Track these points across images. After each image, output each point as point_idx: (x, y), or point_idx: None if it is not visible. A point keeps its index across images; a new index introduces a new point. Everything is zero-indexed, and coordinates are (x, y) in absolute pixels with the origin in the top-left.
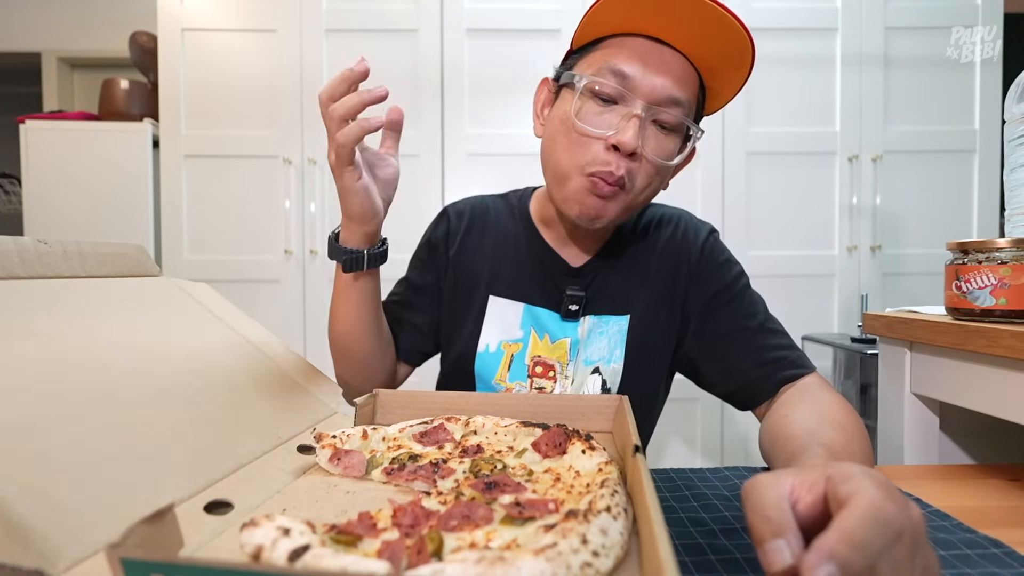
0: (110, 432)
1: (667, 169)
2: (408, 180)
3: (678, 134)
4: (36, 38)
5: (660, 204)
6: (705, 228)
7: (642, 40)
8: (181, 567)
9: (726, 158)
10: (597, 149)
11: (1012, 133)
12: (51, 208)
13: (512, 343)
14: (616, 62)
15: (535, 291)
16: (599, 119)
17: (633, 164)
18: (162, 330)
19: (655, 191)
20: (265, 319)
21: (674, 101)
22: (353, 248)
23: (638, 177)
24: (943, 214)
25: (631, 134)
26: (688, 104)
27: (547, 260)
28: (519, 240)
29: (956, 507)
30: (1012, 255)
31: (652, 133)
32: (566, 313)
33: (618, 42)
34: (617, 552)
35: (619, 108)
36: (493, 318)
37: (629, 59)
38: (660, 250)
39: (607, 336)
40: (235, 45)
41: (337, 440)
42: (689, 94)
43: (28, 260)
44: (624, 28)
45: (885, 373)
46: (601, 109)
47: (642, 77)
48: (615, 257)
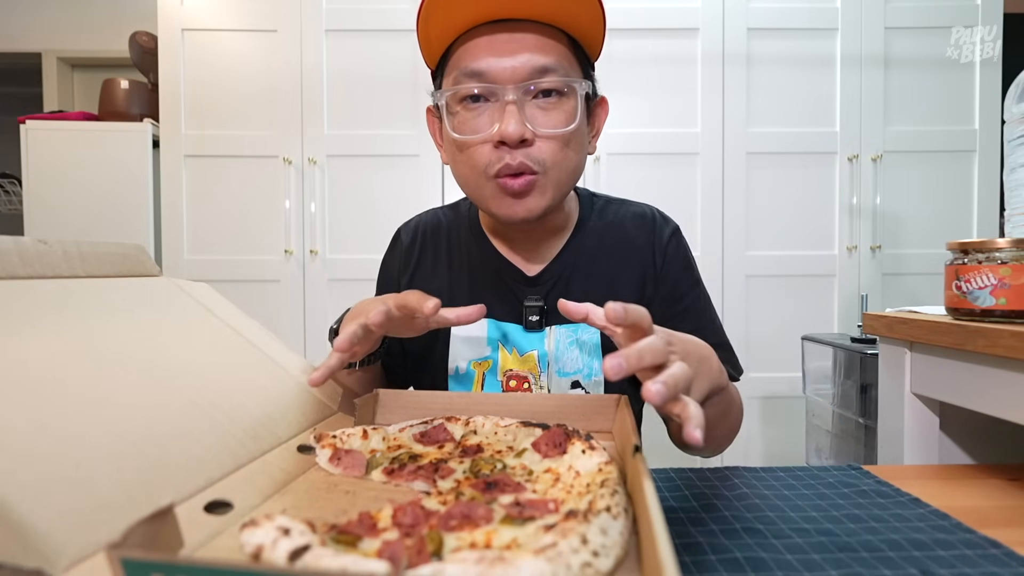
0: (110, 432)
1: (575, 135)
2: (408, 180)
3: (567, 97)
4: (36, 38)
5: (624, 200)
6: (670, 227)
7: (483, 31)
8: (181, 567)
9: (726, 158)
10: (487, 151)
11: (1012, 133)
12: (51, 208)
13: (481, 361)
14: (467, 64)
15: (496, 304)
16: (478, 122)
17: (530, 149)
18: (162, 330)
19: (577, 162)
20: (265, 319)
21: (540, 70)
22: None
23: (545, 157)
24: (943, 214)
25: (510, 123)
26: (559, 66)
27: (503, 271)
28: (472, 253)
29: (956, 507)
30: (1012, 255)
31: (538, 108)
32: (528, 325)
33: (462, 44)
34: (617, 552)
35: (491, 104)
36: (459, 338)
37: (477, 56)
38: (625, 251)
39: (578, 347)
40: (235, 45)
41: (337, 440)
42: (556, 56)
43: (28, 260)
44: (460, 26)
45: (885, 373)
46: (475, 113)
47: (498, 66)
48: (574, 262)
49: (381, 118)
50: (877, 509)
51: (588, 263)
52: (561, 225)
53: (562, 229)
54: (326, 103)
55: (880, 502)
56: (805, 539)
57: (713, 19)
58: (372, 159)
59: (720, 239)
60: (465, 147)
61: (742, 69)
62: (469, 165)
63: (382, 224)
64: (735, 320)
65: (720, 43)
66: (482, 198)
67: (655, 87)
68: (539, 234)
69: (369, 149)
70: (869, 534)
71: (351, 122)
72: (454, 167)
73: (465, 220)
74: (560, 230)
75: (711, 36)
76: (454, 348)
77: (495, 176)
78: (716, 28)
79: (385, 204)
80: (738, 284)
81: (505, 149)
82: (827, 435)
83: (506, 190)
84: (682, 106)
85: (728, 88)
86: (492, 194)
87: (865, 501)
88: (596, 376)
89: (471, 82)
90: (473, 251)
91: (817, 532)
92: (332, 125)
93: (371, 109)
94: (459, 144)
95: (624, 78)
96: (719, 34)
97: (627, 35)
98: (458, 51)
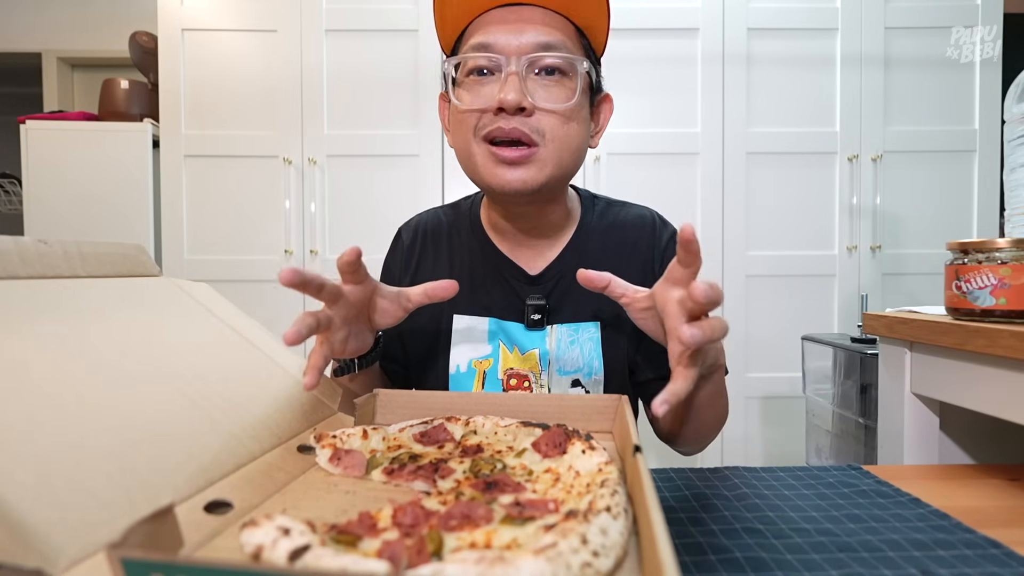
0: (110, 432)
1: (575, 114)
2: (408, 180)
3: (568, 77)
4: (36, 38)
5: (625, 202)
6: (668, 230)
7: (496, 10)
8: (181, 567)
9: (726, 158)
10: (485, 116)
11: (1012, 133)
12: (51, 208)
13: (482, 360)
14: (476, 38)
15: (498, 303)
16: (480, 93)
17: (528, 118)
18: (162, 330)
19: (579, 141)
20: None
21: (545, 46)
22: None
23: (544, 128)
24: (943, 214)
25: (510, 91)
26: (564, 45)
27: (505, 269)
28: (474, 252)
29: (956, 507)
30: (1012, 255)
31: (539, 84)
32: (530, 323)
33: (474, 23)
34: (617, 552)
35: (496, 76)
36: (460, 337)
37: (487, 30)
38: (626, 253)
39: (579, 345)
40: (235, 45)
41: (337, 440)
42: (562, 35)
43: (28, 260)
44: (475, 8)
45: (885, 373)
46: (479, 85)
47: (504, 38)
48: (576, 262)
49: (381, 118)
50: (877, 509)
51: (589, 263)
52: (563, 223)
53: (564, 227)
54: (326, 103)
55: (880, 502)
56: (805, 539)
57: (713, 19)
58: (372, 159)
59: (720, 239)
60: (465, 115)
61: (742, 69)
62: (463, 130)
63: (382, 224)
64: (735, 320)
65: (720, 43)
66: (474, 167)
67: (655, 87)
68: (541, 228)
69: (369, 149)
70: (869, 534)
71: (351, 122)
72: (454, 142)
73: (466, 219)
74: (562, 228)
75: (711, 36)
76: (455, 347)
77: (485, 139)
78: (716, 28)
79: (385, 204)
80: (738, 284)
81: (503, 116)
82: (827, 435)
83: (497, 157)
84: (682, 106)
85: (728, 88)
86: (483, 161)
87: (865, 501)
88: (596, 375)
89: (477, 53)
90: (475, 250)
91: (817, 532)
92: (332, 125)
93: (371, 109)
94: (459, 112)
95: (624, 78)
96: (719, 34)
97: (627, 35)
98: (469, 29)
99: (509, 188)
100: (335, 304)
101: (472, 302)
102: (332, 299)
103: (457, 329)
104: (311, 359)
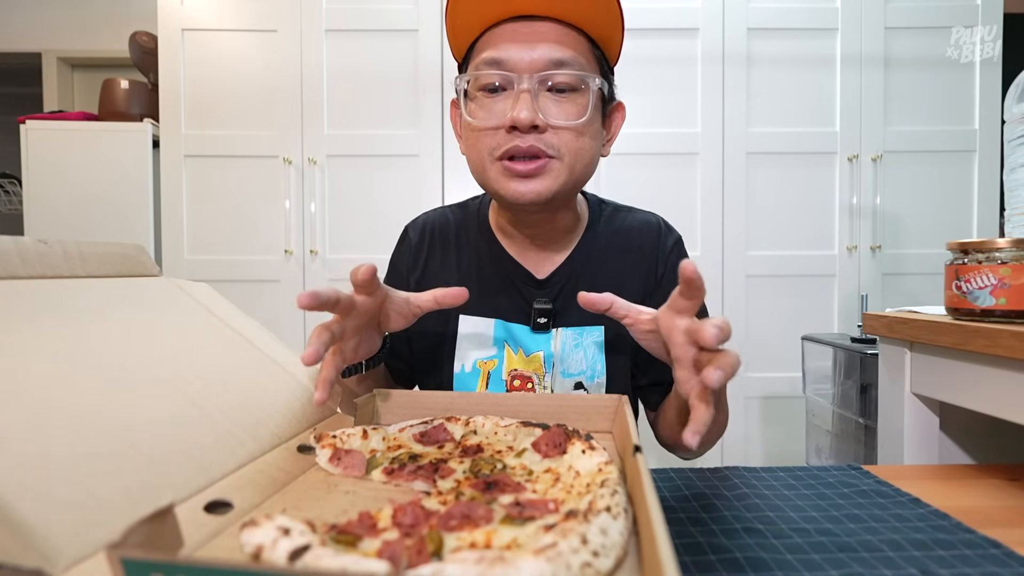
0: (110, 432)
1: (588, 128)
2: (408, 180)
3: (580, 93)
4: (36, 38)
5: (631, 207)
6: (672, 237)
7: (508, 23)
8: (181, 567)
9: (726, 158)
10: (499, 135)
11: (1012, 133)
12: (51, 208)
13: (487, 360)
14: (488, 53)
15: (504, 305)
16: (493, 110)
17: (542, 135)
18: (162, 330)
19: (592, 154)
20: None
21: (557, 63)
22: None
23: (559, 144)
24: (943, 214)
25: (523, 109)
26: (577, 61)
27: (512, 272)
28: (482, 253)
29: (956, 507)
30: (1012, 255)
31: (551, 101)
32: (536, 326)
33: (486, 36)
34: (617, 552)
35: (508, 93)
36: (466, 337)
37: (498, 45)
38: (631, 259)
39: (583, 348)
40: (235, 45)
41: (337, 440)
42: (575, 51)
43: (28, 260)
44: (486, 20)
45: (885, 373)
46: (491, 101)
47: (517, 54)
48: (582, 266)
49: (381, 118)
50: (877, 509)
51: (595, 268)
52: (572, 227)
53: (572, 231)
54: (326, 103)
55: (880, 502)
56: (805, 539)
57: (713, 19)
58: (372, 159)
59: (720, 239)
60: (478, 133)
61: (742, 69)
62: (478, 148)
63: (382, 224)
64: (735, 320)
65: (720, 43)
66: (488, 181)
67: (655, 87)
68: (550, 234)
69: (369, 149)
70: (869, 534)
71: (351, 122)
72: (467, 154)
73: (474, 220)
74: (570, 232)
75: (711, 36)
76: (460, 348)
77: (500, 158)
78: (716, 28)
79: (385, 204)
80: (738, 284)
81: (516, 134)
82: (827, 435)
83: (512, 172)
84: (682, 106)
85: (728, 88)
86: (497, 176)
87: (865, 501)
88: (599, 378)
89: (490, 69)
90: (483, 251)
91: (817, 532)
92: (332, 125)
93: (371, 109)
94: (473, 129)
95: (624, 78)
96: (719, 34)
97: (627, 35)
98: (482, 41)
99: (523, 200)
100: (347, 315)
101: (479, 304)
102: (345, 311)
103: (463, 330)
104: (323, 372)
